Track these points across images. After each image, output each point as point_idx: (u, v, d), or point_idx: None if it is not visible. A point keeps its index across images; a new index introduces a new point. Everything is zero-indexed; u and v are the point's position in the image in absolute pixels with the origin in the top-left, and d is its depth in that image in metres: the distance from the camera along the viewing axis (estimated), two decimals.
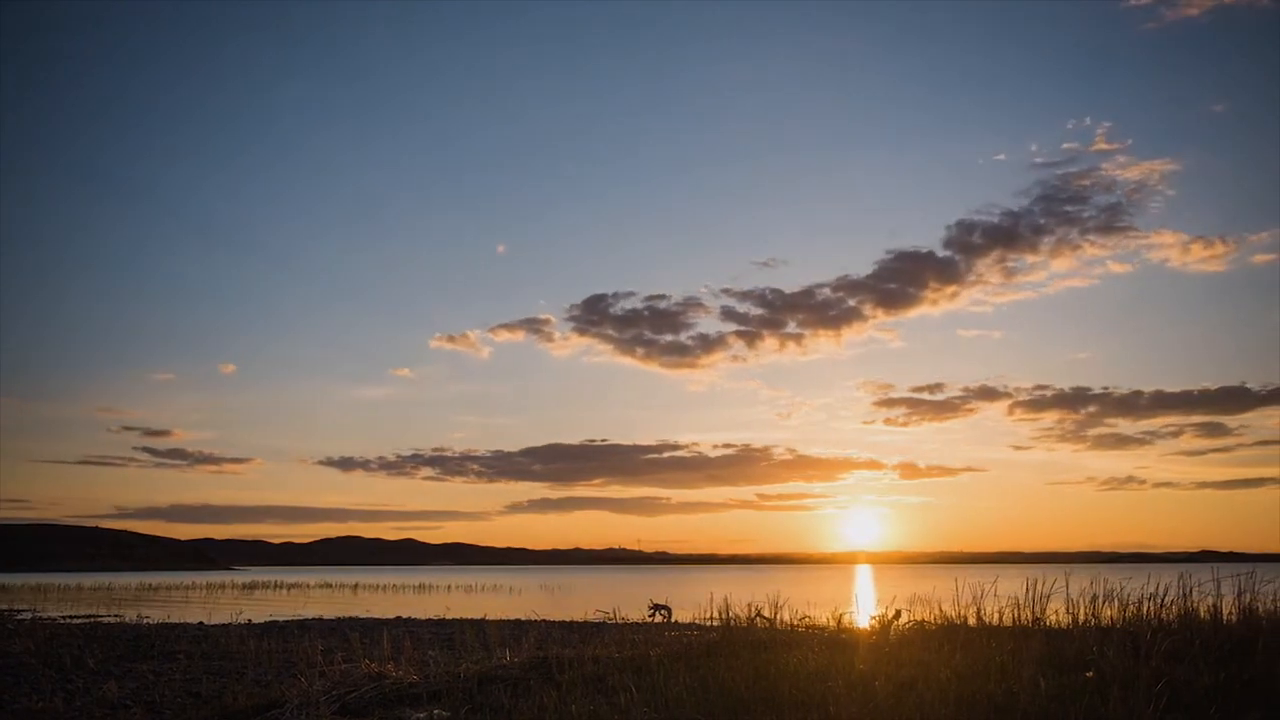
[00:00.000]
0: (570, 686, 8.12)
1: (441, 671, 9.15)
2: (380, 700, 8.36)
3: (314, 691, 8.34)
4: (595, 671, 9.01)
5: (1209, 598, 9.59)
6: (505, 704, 7.78)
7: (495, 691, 8.30)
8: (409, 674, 8.94)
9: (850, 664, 7.89)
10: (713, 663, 8.71)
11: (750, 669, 7.67)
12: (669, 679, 7.50)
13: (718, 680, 7.39)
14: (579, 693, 7.85)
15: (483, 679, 8.84)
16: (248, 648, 15.78)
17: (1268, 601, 9.32)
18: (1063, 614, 10.85)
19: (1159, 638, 7.67)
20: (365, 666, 9.15)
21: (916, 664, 8.16)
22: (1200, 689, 6.01)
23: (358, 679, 8.72)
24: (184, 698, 10.44)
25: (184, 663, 14.13)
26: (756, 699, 6.87)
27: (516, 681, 8.80)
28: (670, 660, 8.82)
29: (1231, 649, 7.07)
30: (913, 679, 7.26)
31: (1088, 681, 6.51)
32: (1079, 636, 8.86)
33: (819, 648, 9.39)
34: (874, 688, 6.30)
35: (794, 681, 7.16)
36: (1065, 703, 5.84)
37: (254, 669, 12.96)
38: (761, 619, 11.61)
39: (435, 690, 8.53)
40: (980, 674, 6.94)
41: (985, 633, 10.00)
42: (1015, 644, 8.60)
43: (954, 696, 6.36)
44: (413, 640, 16.63)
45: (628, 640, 11.28)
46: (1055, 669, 7.36)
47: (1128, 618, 9.65)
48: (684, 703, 6.83)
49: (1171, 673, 6.13)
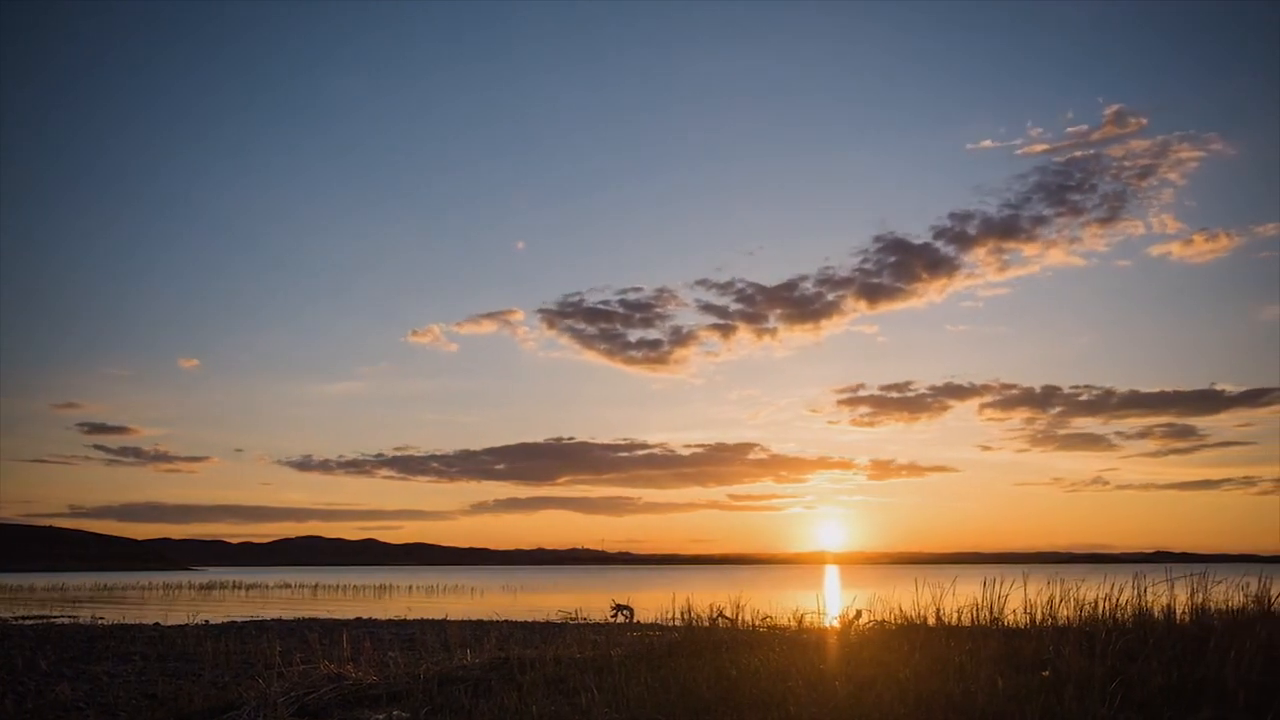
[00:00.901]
0: (531, 687, 8.10)
1: (401, 672, 9.09)
2: (339, 701, 8.29)
3: (272, 693, 8.25)
4: (557, 672, 9.00)
5: (1163, 598, 9.75)
6: (466, 705, 7.74)
7: (456, 692, 8.26)
8: (368, 675, 8.88)
9: (810, 664, 7.93)
10: (674, 663, 8.72)
11: (711, 669, 7.69)
12: (630, 679, 7.50)
13: (679, 680, 7.40)
14: (540, 693, 7.83)
15: (443, 680, 8.80)
16: (205, 649, 15.58)
17: (1219, 601, 9.50)
18: (1021, 614, 11.00)
19: (1114, 637, 7.78)
20: (324, 667, 9.06)
21: (876, 664, 8.22)
22: (1153, 688, 6.11)
23: (316, 680, 8.64)
24: (139, 699, 10.29)
25: (139, 664, 13.93)
26: (717, 699, 6.88)
27: (477, 682, 8.77)
28: (632, 660, 8.82)
29: (1184, 648, 7.18)
30: (872, 678, 7.32)
31: (1044, 681, 6.59)
32: (1036, 636, 8.97)
33: (780, 648, 9.43)
34: (833, 687, 6.33)
35: (754, 681, 7.19)
36: (1022, 702, 5.90)
37: (211, 670, 12.81)
38: (723, 619, 11.65)
39: (395, 691, 8.48)
40: (939, 673, 7.00)
41: (944, 632, 10.10)
42: (973, 644, 8.69)
43: (912, 696, 6.41)
44: (373, 641, 16.51)
45: (589, 641, 11.27)
46: (1013, 668, 7.45)
47: (1084, 618, 9.79)
48: (645, 703, 6.83)
49: (1125, 672, 6.21)
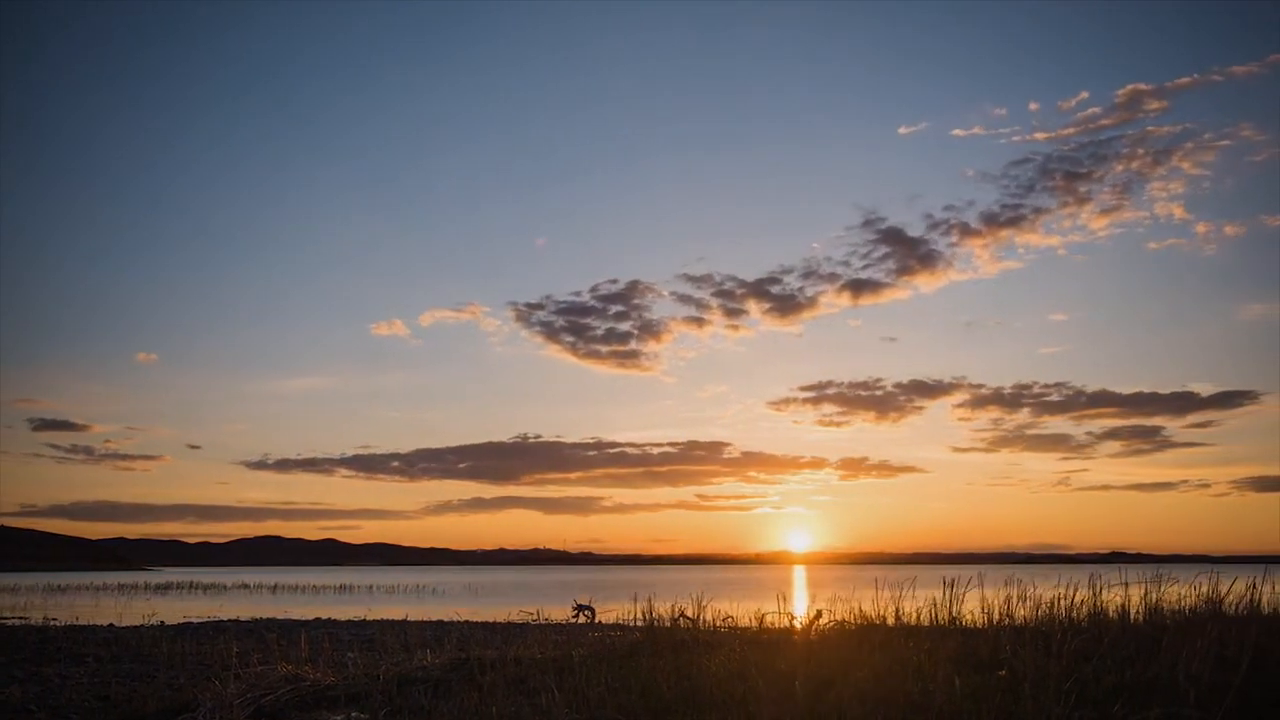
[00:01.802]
0: (492, 687, 8.07)
1: (360, 673, 9.02)
2: (297, 703, 8.22)
3: (228, 694, 8.15)
4: (518, 673, 8.97)
5: (1118, 598, 9.91)
6: (425, 705, 7.69)
7: (415, 693, 8.21)
8: (326, 676, 8.80)
9: (771, 664, 7.97)
10: (635, 663, 8.72)
11: (672, 669, 7.70)
12: (591, 679, 7.49)
13: (640, 680, 7.41)
14: (501, 694, 7.81)
15: (403, 680, 8.74)
16: (160, 650, 15.36)
17: (1172, 601, 9.66)
18: (979, 614, 11.13)
19: (1069, 637, 7.89)
20: (282, 668, 8.97)
21: (835, 664, 8.28)
22: (1107, 686, 6.20)
23: (273, 681, 8.55)
24: (92, 701, 10.13)
25: (93, 666, 13.72)
26: (678, 699, 6.90)
27: (437, 683, 8.72)
28: (593, 661, 8.81)
29: (1137, 647, 7.30)
30: (831, 678, 7.36)
31: (1001, 680, 6.66)
32: (993, 636, 9.07)
33: (741, 648, 9.46)
34: (793, 687, 6.36)
35: (715, 681, 7.21)
36: (979, 701, 5.97)
37: (166, 672, 12.63)
38: (685, 620, 11.67)
39: (354, 692, 8.41)
40: (897, 673, 7.06)
41: (903, 632, 10.19)
42: (932, 644, 8.77)
43: (871, 695, 6.46)
44: (332, 642, 16.37)
45: (551, 641, 11.25)
46: (970, 668, 7.53)
47: (1040, 617, 9.92)
48: (606, 703, 6.83)
49: (1080, 671, 6.30)
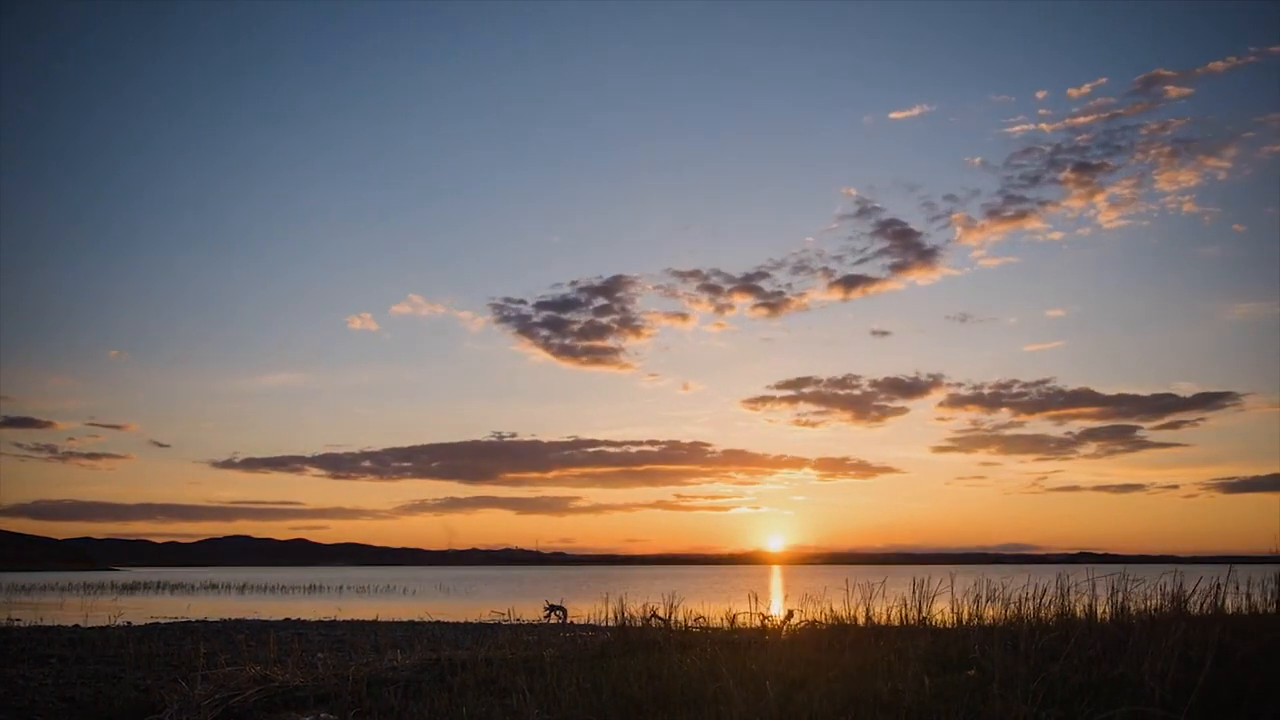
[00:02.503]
0: (463, 688, 8.04)
1: (330, 674, 8.96)
2: (265, 704, 8.15)
3: (195, 695, 8.07)
4: (488, 673, 8.95)
5: (1085, 598, 10.01)
6: (395, 706, 7.65)
7: (385, 694, 8.17)
8: (295, 676, 8.74)
9: (742, 664, 7.99)
10: (606, 663, 8.72)
11: (644, 669, 7.70)
12: (562, 680, 7.48)
13: (611, 681, 7.40)
14: (471, 694, 7.78)
15: (372, 681, 8.69)
16: (127, 651, 15.16)
17: (1138, 601, 9.77)
18: (948, 614, 11.22)
19: (1038, 636, 7.96)
20: (250, 669, 8.89)
21: (806, 663, 8.31)
22: (1074, 685, 6.25)
23: (242, 682, 8.47)
24: (56, 703, 9.99)
25: (57, 667, 13.53)
26: (649, 699, 6.90)
27: (408, 683, 8.68)
28: (564, 661, 8.81)
29: (1104, 647, 7.37)
30: (802, 678, 7.39)
31: (970, 679, 6.71)
32: (962, 636, 9.14)
33: (712, 648, 9.48)
34: (764, 687, 6.38)
35: (686, 681, 7.21)
36: (948, 700, 6.01)
37: (133, 673, 12.48)
38: (656, 620, 11.69)
39: (323, 693, 8.36)
40: (868, 672, 7.10)
41: (874, 632, 10.25)
42: (902, 643, 8.83)
43: (841, 695, 6.49)
44: (301, 642, 16.25)
45: (522, 641, 11.24)
46: (940, 667, 7.58)
47: (1009, 617, 10.01)
48: (577, 703, 6.81)
49: (1048, 670, 6.35)
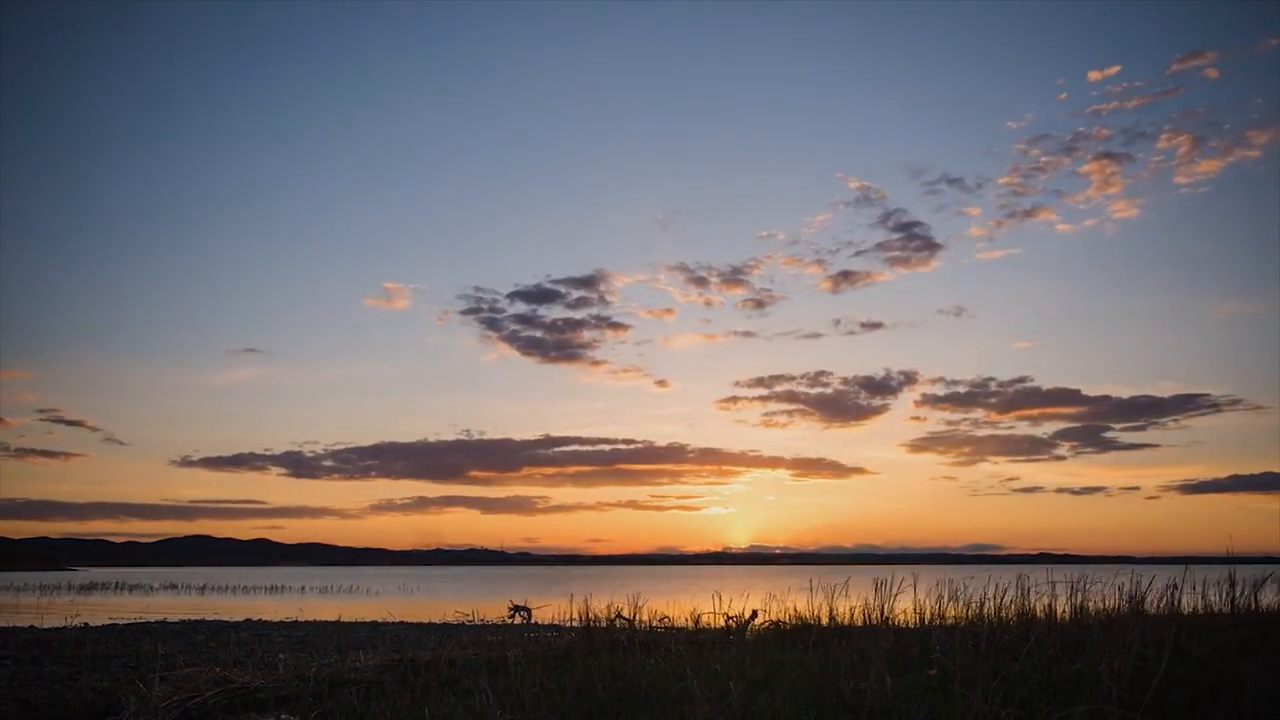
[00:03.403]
0: (425, 689, 7.99)
1: (291, 675, 8.88)
2: (225, 706, 8.06)
3: (153, 697, 7.97)
4: (451, 674, 8.91)
5: (1045, 598, 10.13)
6: (357, 707, 7.60)
7: (347, 695, 8.11)
8: (256, 678, 8.65)
9: (706, 664, 8.01)
10: (570, 664, 8.70)
11: (608, 669, 7.70)
12: (526, 680, 7.45)
13: (575, 681, 7.39)
14: (434, 695, 7.74)
15: (334, 682, 8.62)
16: (84, 652, 14.95)
17: (1097, 601, 9.90)
18: (911, 614, 11.31)
19: (998, 636, 8.04)
20: (210, 670, 8.79)
21: (770, 663, 8.35)
22: (1033, 684, 6.31)
23: (201, 683, 8.37)
24: (11, 705, 9.83)
25: (12, 668, 13.31)
26: (613, 699, 6.89)
27: (370, 684, 8.62)
28: (528, 661, 8.78)
29: (1063, 646, 7.45)
30: (766, 678, 7.43)
31: (930, 679, 6.77)
32: (924, 636, 9.21)
33: (676, 648, 9.49)
34: (728, 687, 6.40)
35: (650, 681, 7.22)
36: (909, 700, 6.06)
37: (90, 675, 12.30)
38: (621, 620, 11.68)
39: (283, 694, 8.28)
40: (831, 672, 7.14)
41: (836, 632, 10.32)
42: (865, 643, 8.89)
43: (804, 694, 6.52)
44: (262, 643, 16.11)
45: (486, 642, 11.18)
46: (901, 667, 7.64)
47: (970, 617, 10.10)
48: (540, 704, 6.80)
49: (1007, 669, 6.41)
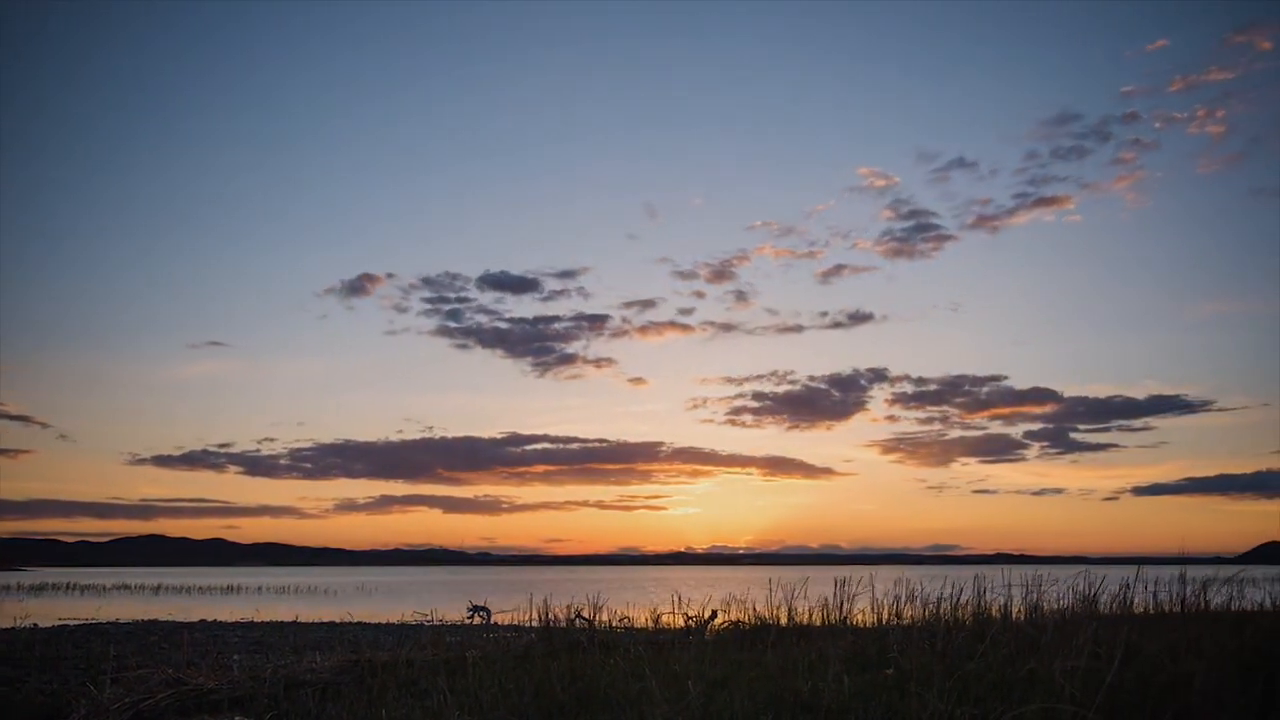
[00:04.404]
0: (382, 690, 7.93)
1: (245, 676, 8.77)
2: (177, 708, 7.95)
3: (104, 699, 7.84)
4: (409, 675, 8.85)
5: (1000, 598, 10.24)
6: (313, 709, 7.52)
7: (303, 696, 8.02)
8: (210, 679, 8.53)
9: (665, 664, 8.01)
10: (529, 664, 8.67)
11: (567, 670, 7.68)
12: (484, 681, 7.42)
13: (534, 682, 7.36)
14: (391, 696, 7.68)
15: (290, 683, 8.53)
16: (32, 654, 14.67)
17: (1051, 601, 10.02)
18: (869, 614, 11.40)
19: (954, 635, 8.12)
20: (162, 672, 8.66)
21: (729, 663, 8.38)
22: (988, 683, 6.38)
23: (153, 685, 8.25)
24: None
25: None
26: (572, 700, 6.88)
27: (326, 685, 8.53)
28: (487, 662, 8.73)
29: (1018, 645, 7.53)
30: (725, 678, 7.44)
31: (888, 678, 6.82)
32: (881, 635, 9.28)
33: (636, 648, 9.49)
34: (686, 687, 6.41)
35: (609, 682, 7.21)
36: (866, 699, 6.09)
37: (39, 677, 12.08)
38: (580, 620, 11.66)
39: (238, 696, 8.18)
40: (789, 672, 7.17)
41: (796, 632, 10.38)
42: (823, 643, 8.94)
43: (763, 694, 6.54)
44: (217, 644, 15.91)
45: (444, 642, 11.12)
46: (859, 667, 7.69)
47: (927, 617, 10.20)
48: (499, 705, 6.77)
49: (963, 669, 6.48)
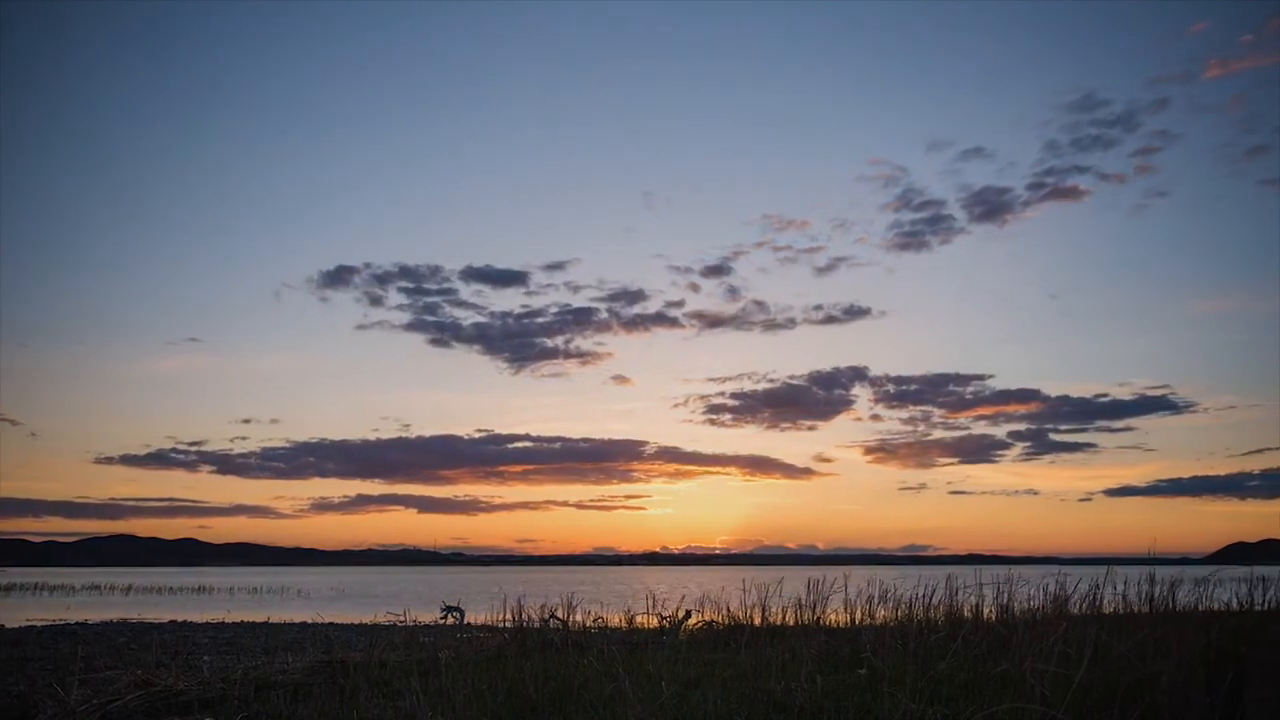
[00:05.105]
0: (354, 691, 7.88)
1: (216, 677, 8.70)
2: (146, 709, 7.86)
3: (72, 701, 7.75)
4: (382, 675, 8.80)
5: (972, 598, 10.32)
6: (284, 710, 7.46)
7: (274, 697, 7.96)
8: (179, 680, 8.45)
9: (639, 664, 8.01)
10: (503, 665, 8.66)
11: (540, 670, 7.67)
12: (457, 681, 7.39)
13: (506, 682, 7.35)
14: (363, 697, 7.64)
15: (261, 684, 8.46)
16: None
17: (1022, 601, 10.11)
18: (842, 614, 11.46)
19: (926, 636, 8.17)
20: (131, 673, 8.57)
21: (703, 663, 8.40)
22: (959, 683, 6.43)
23: (122, 686, 8.16)
24: None
25: None
26: (545, 700, 6.86)
27: (298, 686, 8.47)
28: (459, 663, 8.70)
29: (989, 646, 7.60)
30: (698, 678, 7.46)
31: (860, 678, 6.85)
32: (854, 635, 9.33)
33: (609, 649, 9.49)
34: (660, 687, 6.41)
35: (583, 682, 7.20)
36: (839, 699, 6.12)
37: (4, 678, 11.93)
38: (555, 621, 11.65)
39: (208, 697, 8.10)
40: (762, 672, 7.18)
41: (769, 632, 10.41)
42: (796, 643, 8.97)
43: (736, 694, 6.56)
44: (187, 645, 15.76)
45: (417, 643, 11.07)
46: (831, 667, 7.73)
47: (899, 617, 10.26)
48: (472, 705, 6.74)
49: (935, 669, 6.52)
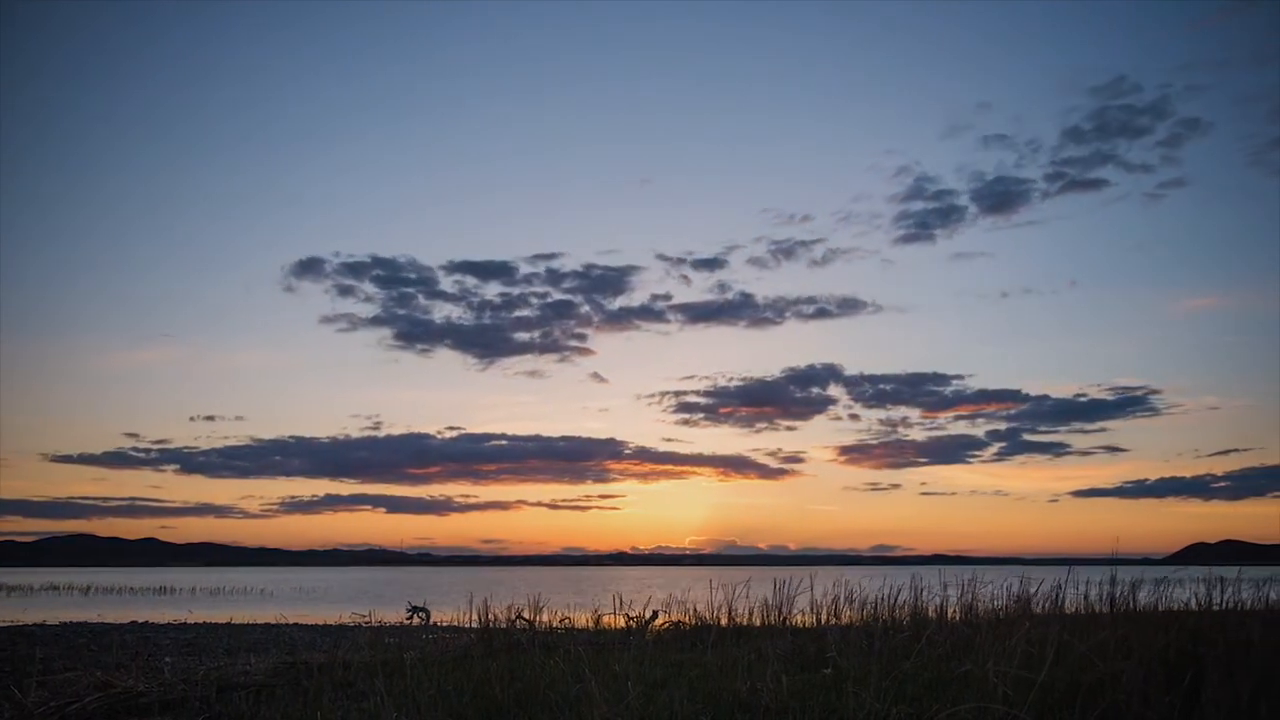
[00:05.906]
0: (318, 692, 7.82)
1: (177, 679, 8.60)
2: (106, 711, 7.76)
3: (29, 704, 7.63)
4: (346, 676, 8.75)
5: (937, 598, 10.42)
6: (246, 712, 7.39)
7: (236, 699, 7.89)
8: (140, 682, 8.35)
9: (605, 665, 8.00)
10: (468, 665, 8.62)
11: (506, 671, 7.64)
12: (422, 682, 7.35)
13: (472, 682, 7.32)
14: (327, 698, 7.58)
15: (223, 686, 8.38)
16: None
17: (986, 601, 10.22)
18: (808, 614, 11.52)
19: (891, 636, 8.23)
20: (90, 675, 8.46)
21: (669, 664, 8.40)
22: (923, 682, 6.49)
23: (81, 689, 8.05)
24: None
25: None
26: (511, 701, 6.85)
27: (260, 688, 8.40)
28: (425, 663, 8.67)
29: (953, 646, 7.67)
30: (664, 678, 7.47)
31: (825, 678, 6.89)
32: (820, 635, 9.38)
33: (576, 649, 9.47)
34: (626, 688, 6.41)
35: (549, 683, 7.19)
36: (804, 698, 6.15)
37: None
38: (521, 621, 11.62)
39: (169, 699, 8.01)
40: (728, 672, 7.20)
41: (735, 633, 10.45)
42: (763, 643, 9.01)
43: (702, 694, 6.57)
44: (148, 646, 15.55)
45: (382, 643, 11.01)
46: (798, 667, 7.77)
47: (865, 617, 10.34)
48: (437, 705, 6.71)
49: (899, 668, 6.57)
